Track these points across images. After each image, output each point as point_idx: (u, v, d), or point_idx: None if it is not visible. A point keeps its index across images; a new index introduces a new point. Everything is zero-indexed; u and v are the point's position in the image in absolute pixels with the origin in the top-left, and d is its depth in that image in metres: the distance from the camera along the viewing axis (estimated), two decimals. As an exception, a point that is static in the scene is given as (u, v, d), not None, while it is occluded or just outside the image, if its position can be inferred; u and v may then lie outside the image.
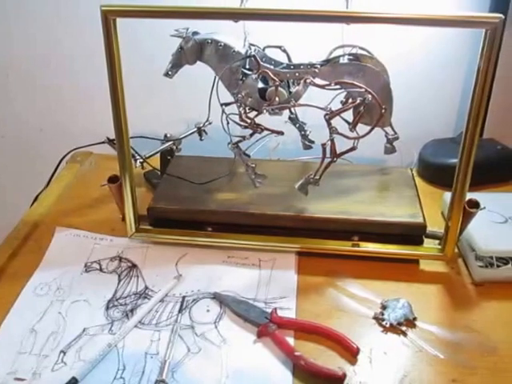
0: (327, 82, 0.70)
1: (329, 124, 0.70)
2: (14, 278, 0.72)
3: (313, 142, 0.78)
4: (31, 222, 0.84)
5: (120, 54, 0.66)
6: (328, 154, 0.72)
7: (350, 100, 0.72)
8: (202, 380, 0.59)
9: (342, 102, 0.74)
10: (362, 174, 0.85)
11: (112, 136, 0.74)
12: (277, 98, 0.71)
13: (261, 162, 0.79)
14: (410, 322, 0.65)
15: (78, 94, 1.05)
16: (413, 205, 0.77)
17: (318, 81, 0.70)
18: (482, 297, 0.70)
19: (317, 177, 0.74)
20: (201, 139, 0.89)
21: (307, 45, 0.78)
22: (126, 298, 0.69)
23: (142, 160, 0.83)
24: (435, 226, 0.76)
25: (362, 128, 0.71)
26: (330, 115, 0.70)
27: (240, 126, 0.73)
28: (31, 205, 0.90)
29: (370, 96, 0.69)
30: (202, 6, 0.63)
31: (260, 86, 0.72)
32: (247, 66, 0.72)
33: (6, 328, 0.65)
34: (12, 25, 0.99)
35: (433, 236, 0.75)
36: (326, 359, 0.61)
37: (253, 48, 0.72)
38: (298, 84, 0.71)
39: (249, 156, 0.77)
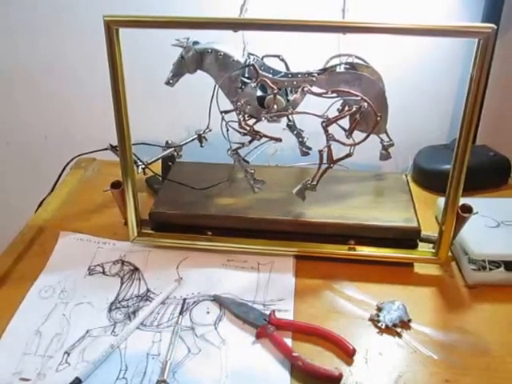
0: (324, 90, 0.71)
1: (326, 131, 0.71)
2: (20, 281, 0.73)
3: (310, 148, 0.77)
4: (36, 226, 0.85)
5: (122, 63, 0.67)
6: (325, 160, 0.73)
7: (347, 108, 0.72)
8: (201, 380, 0.59)
9: (338, 109, 0.75)
10: (358, 180, 0.86)
11: (115, 143, 0.75)
12: (275, 106, 0.71)
13: (259, 167, 0.79)
14: (405, 324, 0.66)
15: (81, 101, 1.06)
16: (407, 210, 0.78)
17: (315, 89, 0.71)
18: (475, 299, 0.70)
19: (314, 182, 0.75)
20: (201, 146, 0.90)
21: (305, 54, 0.79)
22: (128, 300, 0.70)
23: (143, 166, 0.84)
24: (429, 230, 0.77)
25: (358, 135, 0.72)
26: (326, 122, 0.70)
27: (239, 132, 0.74)
28: (36, 210, 0.91)
29: (365, 104, 0.69)
30: (203, 17, 0.64)
31: (259, 94, 0.73)
32: (246, 75, 0.73)
33: (11, 330, 0.66)
34: (17, 34, 1.00)
35: (427, 240, 0.76)
36: (323, 360, 0.61)
37: (252, 57, 0.73)
38: (296, 92, 0.71)
39: (248, 162, 0.77)
